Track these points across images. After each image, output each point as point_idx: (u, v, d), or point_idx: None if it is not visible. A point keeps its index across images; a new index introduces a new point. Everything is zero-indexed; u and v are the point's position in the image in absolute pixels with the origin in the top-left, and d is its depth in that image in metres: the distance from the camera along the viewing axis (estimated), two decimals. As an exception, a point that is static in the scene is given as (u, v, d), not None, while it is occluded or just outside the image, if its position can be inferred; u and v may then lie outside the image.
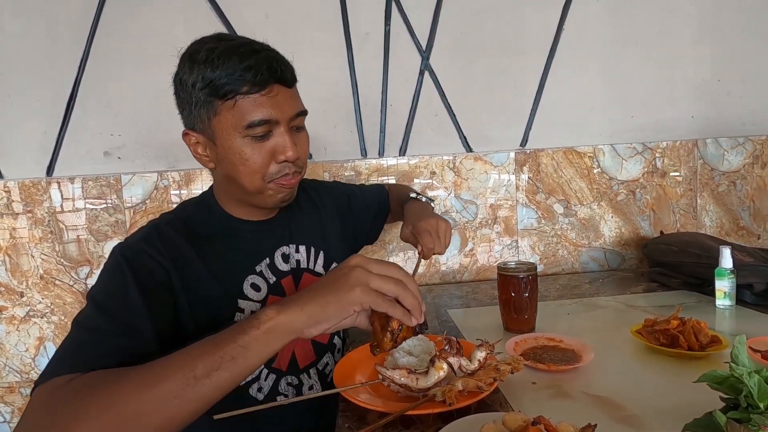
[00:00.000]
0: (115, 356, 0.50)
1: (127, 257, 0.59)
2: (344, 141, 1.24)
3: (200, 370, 0.43)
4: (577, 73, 1.26)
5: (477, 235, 1.27)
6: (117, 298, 0.55)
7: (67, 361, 0.49)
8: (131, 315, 0.54)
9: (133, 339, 0.53)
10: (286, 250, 0.76)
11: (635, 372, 0.63)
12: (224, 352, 0.44)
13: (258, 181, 0.65)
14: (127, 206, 1.21)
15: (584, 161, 1.27)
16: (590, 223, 1.28)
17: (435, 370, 0.54)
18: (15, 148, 1.20)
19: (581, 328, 0.80)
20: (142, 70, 1.19)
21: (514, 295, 0.77)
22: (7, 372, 1.23)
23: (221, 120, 0.61)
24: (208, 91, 0.60)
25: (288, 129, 0.64)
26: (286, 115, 0.63)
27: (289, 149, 0.63)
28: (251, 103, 0.60)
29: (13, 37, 1.17)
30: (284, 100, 0.63)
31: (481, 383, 0.52)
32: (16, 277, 1.21)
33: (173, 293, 0.60)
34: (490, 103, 1.26)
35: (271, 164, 0.64)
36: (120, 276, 0.57)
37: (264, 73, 0.60)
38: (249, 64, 0.59)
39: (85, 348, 0.51)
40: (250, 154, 0.62)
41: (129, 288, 0.56)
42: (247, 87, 0.59)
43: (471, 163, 1.25)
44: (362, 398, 0.54)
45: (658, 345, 0.65)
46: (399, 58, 1.23)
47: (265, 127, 0.62)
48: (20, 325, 1.22)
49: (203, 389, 0.43)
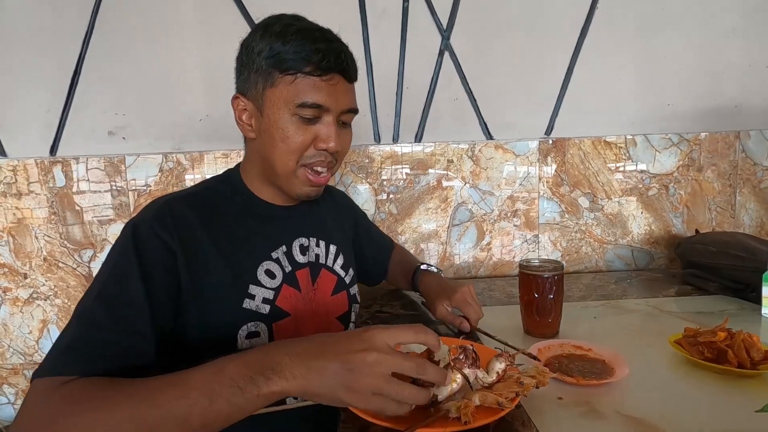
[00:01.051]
0: (110, 357, 0.50)
1: (136, 238, 0.57)
2: (357, 125, 1.14)
3: (195, 421, 0.42)
4: (609, 56, 1.16)
5: (495, 229, 1.20)
6: (118, 288, 0.54)
7: (64, 360, 0.49)
8: (130, 308, 0.53)
9: (130, 337, 0.52)
10: (305, 241, 0.74)
11: (676, 389, 0.55)
12: (219, 409, 0.42)
13: (291, 163, 0.64)
14: (132, 189, 1.17)
15: (614, 152, 1.18)
16: (618, 219, 1.20)
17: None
18: (18, 125, 1.16)
19: (610, 335, 0.73)
20: (148, 47, 1.14)
21: (538, 296, 0.71)
22: (11, 354, 1.22)
23: (275, 92, 0.62)
24: (272, 61, 0.61)
25: (336, 120, 0.64)
26: (339, 107, 0.63)
27: (332, 140, 0.63)
28: (310, 84, 0.61)
29: (17, 8, 1.12)
30: (342, 92, 0.63)
31: (501, 398, 0.46)
32: (20, 258, 1.19)
33: (177, 276, 0.58)
34: (513, 87, 1.17)
35: (309, 148, 0.64)
36: (126, 260, 0.55)
37: (331, 60, 0.60)
38: (319, 47, 0.60)
39: (82, 347, 0.50)
40: (293, 132, 0.62)
41: (132, 276, 0.54)
42: (311, 68, 0.60)
43: (491, 152, 1.18)
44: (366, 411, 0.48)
45: (702, 359, 0.58)
46: (417, 38, 1.15)
47: (316, 111, 0.62)
48: (24, 307, 1.20)
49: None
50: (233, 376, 0.43)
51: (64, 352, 0.49)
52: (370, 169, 1.18)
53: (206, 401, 0.42)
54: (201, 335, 0.60)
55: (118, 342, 0.51)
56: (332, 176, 0.70)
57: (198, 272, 0.60)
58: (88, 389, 0.46)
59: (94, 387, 0.46)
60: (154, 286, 0.55)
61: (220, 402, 0.42)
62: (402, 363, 0.43)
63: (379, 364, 0.42)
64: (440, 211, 1.19)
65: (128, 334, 0.52)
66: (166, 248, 0.58)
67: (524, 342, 0.71)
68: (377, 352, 0.42)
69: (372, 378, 0.42)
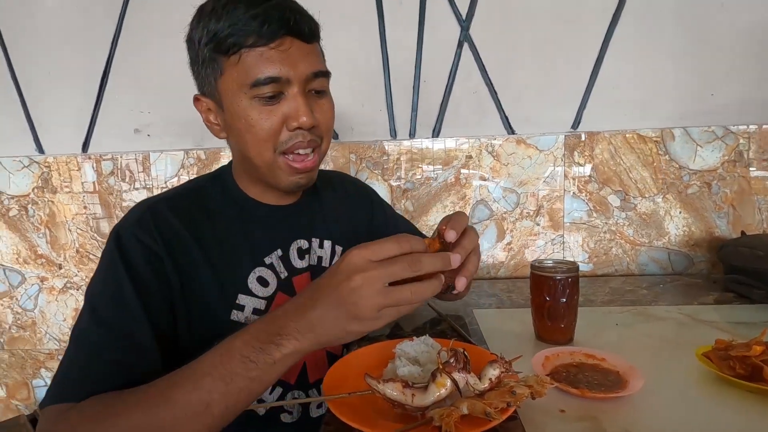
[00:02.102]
0: (114, 378, 0.47)
1: (120, 247, 0.54)
2: (373, 120, 1.15)
3: (216, 408, 0.42)
4: (644, 42, 1.07)
5: (516, 228, 1.14)
6: (113, 304, 0.51)
7: (69, 386, 0.47)
8: (128, 322, 0.50)
9: (133, 352, 0.50)
10: (304, 244, 0.68)
11: (699, 409, 0.49)
12: (239, 387, 0.42)
13: (267, 152, 0.57)
14: (156, 184, 1.21)
15: (648, 147, 1.09)
16: (652, 219, 1.11)
17: (435, 387, 0.44)
18: (55, 124, 1.23)
19: (632, 344, 0.67)
20: (170, 46, 1.16)
21: (549, 299, 0.66)
22: (48, 339, 1.30)
23: (226, 80, 0.55)
24: (212, 46, 0.54)
25: (303, 91, 0.55)
26: (300, 74, 0.54)
27: (303, 114, 0.54)
28: (257, 57, 0.52)
29: (53, 13, 1.19)
30: (299, 56, 0.54)
31: (490, 409, 0.42)
32: (55, 249, 1.26)
33: (167, 281, 0.55)
34: (537, 78, 1.11)
35: (282, 131, 0.56)
36: (114, 274, 0.52)
37: (274, 23, 0.52)
38: (256, 12, 0.51)
39: (85, 371, 0.48)
40: (257, 118, 0.55)
41: (124, 289, 0.51)
42: (253, 39, 0.52)
43: (513, 147, 1.12)
44: (350, 413, 0.46)
45: (732, 375, 0.51)
46: (435, 29, 1.11)
47: (273, 86, 0.53)
48: (59, 295, 1.27)
49: (217, 422, 0.43)
50: (243, 351, 0.42)
51: (67, 378, 0.48)
52: (386, 165, 1.15)
53: (222, 384, 0.42)
54: (191, 344, 0.56)
55: (120, 360, 0.49)
56: (322, 157, 0.63)
57: (185, 280, 0.56)
58: (100, 406, 0.45)
59: (105, 403, 0.45)
60: (149, 295, 0.52)
61: (237, 380, 0.42)
62: (391, 270, 0.41)
63: (368, 283, 0.40)
64: (458, 209, 1.15)
65: (130, 350, 0.49)
66: (151, 252, 0.54)
67: (535, 348, 0.66)
68: (360, 273, 0.40)
69: (368, 299, 0.40)
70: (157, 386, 0.44)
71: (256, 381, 0.42)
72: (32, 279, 1.27)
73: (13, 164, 1.23)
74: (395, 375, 0.51)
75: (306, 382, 0.66)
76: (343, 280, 0.41)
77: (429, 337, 0.59)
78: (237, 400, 0.42)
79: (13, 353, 1.31)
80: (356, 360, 0.59)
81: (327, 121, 0.60)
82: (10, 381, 1.32)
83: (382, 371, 0.55)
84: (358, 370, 0.52)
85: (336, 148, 1.15)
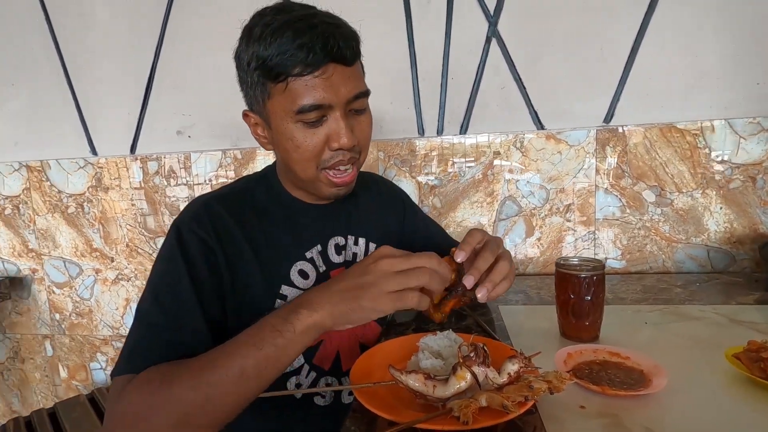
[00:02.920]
0: (170, 354, 0.53)
1: (180, 241, 0.59)
2: (401, 118, 1.17)
3: (250, 370, 0.47)
4: (683, 30, 1.03)
5: (545, 224, 1.13)
6: (171, 292, 0.57)
7: (132, 359, 0.54)
8: (183, 309, 0.56)
9: (186, 335, 0.56)
10: (341, 240, 0.73)
11: (724, 410, 0.48)
12: (267, 353, 0.48)
13: (311, 170, 0.62)
14: (196, 182, 1.29)
15: (687, 140, 1.05)
16: (690, 215, 1.07)
17: (456, 380, 0.46)
18: (106, 127, 1.33)
19: (659, 344, 0.66)
20: (209, 51, 1.23)
21: (574, 297, 0.66)
22: (102, 326, 1.41)
23: (274, 103, 0.59)
24: (260, 72, 0.57)
25: (344, 113, 0.59)
26: (341, 99, 0.57)
27: (344, 136, 0.58)
28: (303, 85, 0.56)
29: (102, 25, 1.28)
30: (341, 81, 0.57)
31: (507, 402, 0.44)
32: (108, 243, 1.36)
33: (219, 273, 0.60)
34: (568, 72, 1.09)
35: (324, 151, 0.60)
36: (174, 265, 0.58)
37: (318, 51, 0.54)
38: (302, 42, 0.54)
39: (145, 346, 0.54)
40: (302, 140, 0.59)
41: (182, 280, 0.57)
42: (299, 68, 0.55)
43: (542, 142, 1.11)
44: (375, 402, 0.49)
45: (762, 378, 0.50)
46: (463, 26, 1.11)
47: (317, 112, 0.57)
48: (111, 286, 1.38)
49: (253, 385, 0.48)
50: (273, 323, 0.49)
51: (132, 351, 0.54)
52: (414, 163, 1.17)
53: (255, 350, 0.48)
54: (239, 329, 0.60)
55: (175, 340, 0.54)
56: (359, 168, 0.67)
57: (235, 271, 0.61)
58: (154, 374, 0.50)
59: (159, 371, 0.51)
60: (202, 285, 0.58)
61: (267, 347, 0.48)
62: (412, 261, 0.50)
63: (388, 265, 0.50)
64: (486, 205, 1.15)
65: (184, 331, 0.55)
66: (207, 246, 0.59)
67: (560, 345, 0.66)
68: (386, 259, 0.50)
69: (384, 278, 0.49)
70: (205, 356, 0.50)
71: (282, 349, 0.48)
72: (88, 271, 1.38)
73: (71, 165, 1.34)
74: (418, 367, 0.54)
75: (339, 369, 0.70)
76: (369, 262, 0.51)
77: (452, 332, 0.61)
78: (267, 365, 0.48)
79: (72, 338, 1.43)
80: (382, 353, 0.61)
81: (365, 137, 0.64)
82: (71, 363, 1.45)
83: (405, 364, 0.57)
84: (383, 362, 0.55)
85: (365, 146, 1.18)
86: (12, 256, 1.43)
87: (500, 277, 0.57)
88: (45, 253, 1.40)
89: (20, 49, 1.33)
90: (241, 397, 0.49)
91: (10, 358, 1.49)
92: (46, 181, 1.36)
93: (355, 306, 0.49)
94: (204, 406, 0.47)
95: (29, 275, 1.43)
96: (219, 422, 0.49)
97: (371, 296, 0.49)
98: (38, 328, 1.45)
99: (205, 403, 0.47)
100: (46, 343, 1.46)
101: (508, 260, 0.59)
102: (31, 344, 1.47)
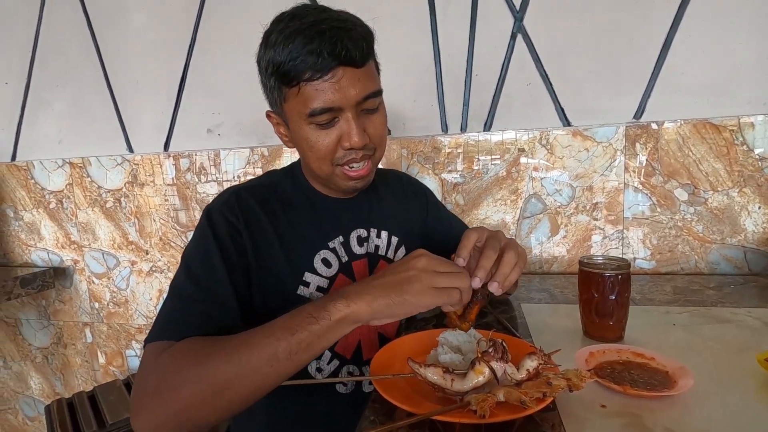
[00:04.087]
0: (203, 325, 0.56)
1: (211, 222, 0.63)
2: (424, 115, 1.18)
3: (282, 353, 0.48)
4: (720, 22, 0.98)
5: (571, 222, 1.11)
6: (203, 266, 0.60)
7: (164, 328, 0.56)
8: (216, 284, 0.59)
9: (218, 308, 0.58)
10: (363, 233, 0.75)
11: (752, 413, 0.47)
12: (300, 338, 0.49)
13: (326, 166, 0.65)
14: (225, 178, 1.33)
15: (723, 136, 1.01)
16: (726, 214, 1.03)
17: (474, 374, 0.47)
18: (141, 126, 1.39)
19: (687, 346, 0.64)
20: (237, 54, 1.27)
21: (597, 296, 0.65)
22: (138, 315, 1.48)
23: (289, 106, 0.62)
24: (276, 77, 0.60)
25: (356, 114, 0.61)
26: (352, 101, 0.59)
27: (355, 136, 0.60)
28: (313, 90, 0.58)
29: (139, 30, 1.34)
30: (350, 83, 0.59)
31: (525, 397, 0.44)
32: (143, 237, 1.43)
33: (246, 256, 0.63)
34: (597, 67, 1.06)
35: (337, 150, 0.63)
36: (206, 244, 0.61)
37: (326, 56, 0.56)
38: (311, 48, 0.56)
39: (178, 316, 0.57)
40: (315, 140, 0.62)
41: (212, 255, 0.60)
42: (309, 73, 0.57)
43: (568, 139, 1.09)
44: (394, 393, 0.50)
45: (796, 383, 0.48)
46: (488, 22, 1.11)
47: (328, 114, 0.60)
48: (146, 278, 1.45)
49: (283, 368, 0.49)
50: (310, 311, 0.51)
51: (166, 320, 0.57)
52: (437, 160, 1.17)
53: (289, 334, 0.49)
54: (264, 312, 0.64)
55: (207, 312, 0.57)
56: (377, 162, 0.69)
57: (260, 255, 0.64)
58: (190, 346, 0.52)
59: (195, 345, 0.53)
60: (232, 265, 0.61)
61: (301, 332, 0.49)
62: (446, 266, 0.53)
63: (428, 264, 0.52)
64: (510, 203, 1.14)
65: (216, 305, 0.58)
66: (235, 230, 0.63)
67: (582, 344, 0.66)
68: (426, 257, 0.53)
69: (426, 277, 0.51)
70: (241, 335, 0.52)
71: (315, 335, 0.49)
72: (125, 262, 1.45)
73: (109, 162, 1.41)
74: (437, 361, 0.55)
75: (360, 358, 0.73)
76: (409, 260, 0.53)
77: (472, 328, 0.61)
78: (298, 350, 0.49)
79: (110, 326, 1.51)
80: (401, 346, 0.62)
81: (378, 135, 0.65)
82: (108, 350, 1.53)
83: (425, 357, 0.58)
84: (402, 355, 0.56)
85: (388, 143, 1.19)
86: (56, 247, 1.52)
87: (509, 268, 0.57)
88: (85, 245, 1.48)
89: (65, 54, 1.41)
90: (270, 378, 0.49)
91: (54, 344, 1.59)
92: (87, 177, 1.44)
93: (398, 300, 0.50)
94: (234, 383, 0.48)
95: (71, 266, 1.51)
96: (245, 401, 0.50)
97: (415, 290, 0.50)
98: (79, 315, 1.54)
99: (235, 381, 0.48)
100: (86, 330, 1.54)
101: (514, 249, 0.58)
102: (73, 331, 1.56)
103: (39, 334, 1.60)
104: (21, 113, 1.49)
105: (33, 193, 1.50)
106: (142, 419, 0.49)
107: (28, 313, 1.60)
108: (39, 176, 1.49)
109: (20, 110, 1.48)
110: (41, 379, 1.64)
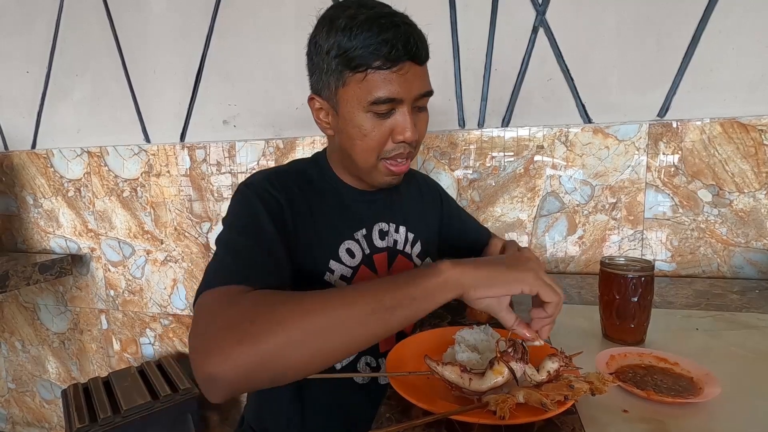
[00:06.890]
0: (265, 276, 0.52)
1: (253, 192, 0.62)
2: (441, 110, 1.16)
3: (387, 303, 0.45)
4: (752, 17, 0.95)
5: (589, 222, 1.09)
6: (253, 222, 0.59)
7: (227, 274, 0.51)
8: (266, 238, 0.57)
9: (273, 261, 0.56)
10: (385, 226, 0.76)
11: (784, 424, 0.46)
12: (407, 292, 0.46)
13: (372, 158, 0.65)
14: (239, 170, 1.33)
15: (751, 136, 0.97)
16: (751, 217, 1.00)
17: (492, 374, 0.46)
18: (158, 116, 1.40)
19: (713, 352, 0.62)
20: (254, 45, 1.27)
21: (618, 298, 0.63)
22: (152, 304, 1.50)
23: (347, 91, 0.61)
24: (340, 60, 0.59)
25: (411, 109, 0.62)
26: (411, 95, 0.61)
27: (409, 130, 0.61)
28: (381, 78, 0.59)
29: (158, 18, 1.34)
30: (413, 78, 0.60)
31: (546, 399, 0.43)
32: (158, 226, 1.44)
33: (287, 228, 0.62)
34: (620, 63, 1.03)
35: (387, 142, 0.63)
36: (251, 207, 0.60)
37: (399, 49, 0.57)
38: (386, 38, 0.57)
39: (239, 262, 0.53)
40: (369, 129, 0.62)
41: (262, 218, 0.59)
42: (380, 62, 0.58)
43: (588, 137, 1.06)
44: (409, 390, 0.49)
45: (829, 394, 0.47)
46: (509, 15, 1.08)
47: (389, 105, 0.60)
48: (160, 267, 1.46)
49: (385, 320, 0.45)
50: (414, 271, 0.48)
51: (225, 267, 0.52)
52: (453, 155, 1.16)
53: (394, 286, 0.46)
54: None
55: (265, 262, 0.54)
56: (411, 161, 0.69)
57: (298, 233, 0.64)
58: (275, 294, 0.48)
59: (280, 294, 0.48)
60: (279, 229, 0.60)
61: (408, 287, 0.46)
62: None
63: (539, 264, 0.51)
64: (526, 200, 1.12)
65: (271, 256, 0.56)
66: (278, 202, 0.62)
67: (602, 346, 0.64)
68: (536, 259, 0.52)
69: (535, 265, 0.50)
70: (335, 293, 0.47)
71: (422, 290, 0.46)
72: (140, 251, 1.47)
73: (126, 151, 1.43)
74: (454, 359, 0.54)
75: (377, 350, 0.73)
76: (515, 255, 0.52)
77: (489, 327, 0.60)
78: (391, 316, 0.45)
79: (125, 314, 1.53)
80: (416, 343, 0.62)
81: (423, 133, 0.67)
82: (123, 337, 1.56)
83: (441, 355, 0.57)
84: (418, 353, 0.55)
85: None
86: (74, 235, 1.54)
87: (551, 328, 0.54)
88: (102, 233, 1.50)
89: (84, 43, 1.42)
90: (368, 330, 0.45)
91: (71, 329, 1.62)
92: (104, 166, 1.45)
93: (504, 271, 0.48)
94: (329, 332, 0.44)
95: (88, 253, 1.54)
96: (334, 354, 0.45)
97: (522, 269, 0.49)
98: (95, 302, 1.56)
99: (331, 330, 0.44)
100: (102, 317, 1.57)
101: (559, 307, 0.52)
102: (89, 317, 1.58)
103: (56, 319, 1.63)
104: (41, 101, 1.51)
105: (52, 181, 1.53)
106: (217, 360, 0.42)
107: (46, 299, 1.63)
108: (58, 164, 1.51)
109: (41, 99, 1.50)
110: (58, 364, 1.67)
